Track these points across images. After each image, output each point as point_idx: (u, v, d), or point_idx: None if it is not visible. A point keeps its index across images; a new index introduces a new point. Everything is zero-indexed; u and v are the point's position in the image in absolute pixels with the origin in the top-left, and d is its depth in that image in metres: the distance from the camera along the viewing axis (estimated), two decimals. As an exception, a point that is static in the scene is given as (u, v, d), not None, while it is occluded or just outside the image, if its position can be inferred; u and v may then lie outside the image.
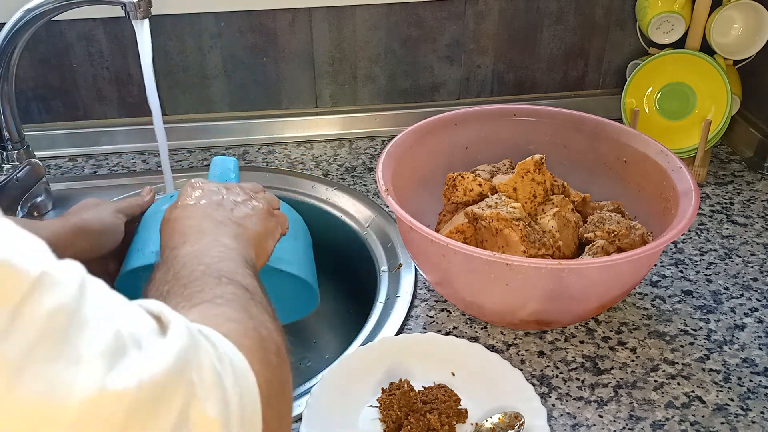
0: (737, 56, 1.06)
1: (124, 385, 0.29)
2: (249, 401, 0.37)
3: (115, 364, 0.30)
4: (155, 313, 0.35)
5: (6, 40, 0.85)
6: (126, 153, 1.14)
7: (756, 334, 0.78)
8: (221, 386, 0.35)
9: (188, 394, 0.33)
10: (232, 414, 0.35)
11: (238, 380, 0.37)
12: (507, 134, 0.93)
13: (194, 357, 0.34)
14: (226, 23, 1.09)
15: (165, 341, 0.33)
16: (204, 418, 0.33)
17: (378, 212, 0.99)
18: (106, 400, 0.29)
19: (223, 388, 0.35)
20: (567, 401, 0.70)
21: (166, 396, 0.31)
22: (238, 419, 0.36)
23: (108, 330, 0.30)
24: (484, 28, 1.15)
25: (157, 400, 0.31)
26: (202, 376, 0.34)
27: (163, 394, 0.31)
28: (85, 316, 0.30)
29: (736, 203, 1.01)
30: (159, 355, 0.32)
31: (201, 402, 0.33)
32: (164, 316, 0.35)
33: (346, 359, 0.73)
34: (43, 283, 0.29)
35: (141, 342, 0.32)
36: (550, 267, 0.67)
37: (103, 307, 0.31)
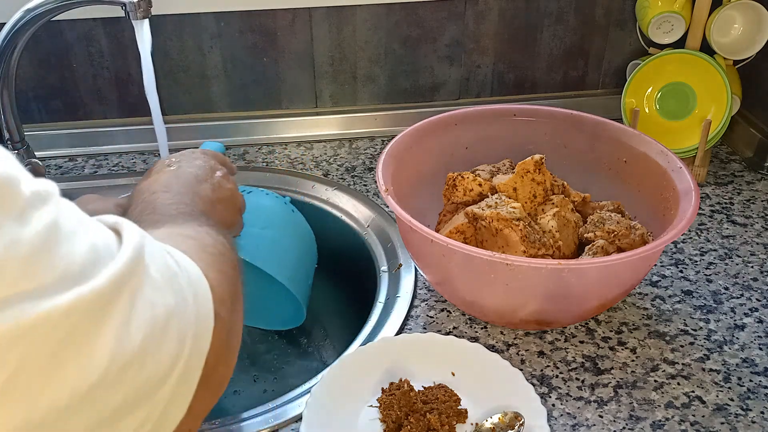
0: (737, 56, 1.06)
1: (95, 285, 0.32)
2: (204, 302, 0.40)
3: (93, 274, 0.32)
4: (112, 225, 0.37)
5: (6, 40, 0.85)
6: (126, 153, 1.14)
7: (756, 334, 0.78)
8: (176, 281, 0.38)
9: (139, 283, 0.35)
10: (188, 306, 0.37)
11: (192, 282, 0.39)
12: (507, 134, 0.93)
13: (148, 253, 0.36)
14: (226, 23, 1.09)
15: (125, 243, 0.35)
16: (157, 303, 0.35)
17: (378, 212, 0.99)
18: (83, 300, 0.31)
19: (178, 284, 0.38)
20: (567, 401, 0.70)
21: (124, 283, 0.33)
22: (194, 309, 0.38)
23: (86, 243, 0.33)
24: (484, 28, 1.15)
25: (119, 287, 0.33)
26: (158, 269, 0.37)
27: (122, 282, 0.33)
28: (66, 232, 0.32)
29: (736, 203, 1.01)
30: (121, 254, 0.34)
31: (156, 290, 0.36)
32: (119, 225, 0.37)
33: (346, 359, 0.73)
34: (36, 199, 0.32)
35: (112, 251, 0.34)
36: (550, 267, 0.68)
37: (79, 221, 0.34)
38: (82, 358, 0.31)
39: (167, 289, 0.36)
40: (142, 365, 0.33)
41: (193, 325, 0.37)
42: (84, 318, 0.31)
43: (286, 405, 0.70)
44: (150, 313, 0.34)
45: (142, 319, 0.34)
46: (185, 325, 0.37)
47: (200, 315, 0.39)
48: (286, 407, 0.70)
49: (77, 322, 0.30)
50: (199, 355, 0.38)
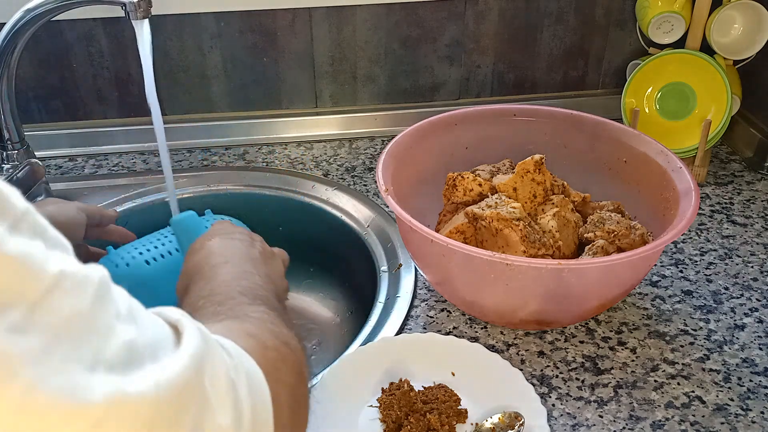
0: (737, 56, 1.06)
1: (142, 389, 0.29)
2: (262, 413, 0.38)
3: (130, 372, 0.29)
4: (172, 322, 0.35)
5: (6, 40, 0.85)
6: (126, 153, 1.14)
7: (756, 334, 0.78)
8: (235, 394, 0.35)
9: (202, 401, 0.33)
10: (243, 423, 0.35)
11: (252, 391, 0.37)
12: (507, 134, 0.93)
13: (209, 362, 0.34)
14: (226, 23, 1.09)
15: (180, 348, 0.33)
16: (217, 426, 0.33)
17: (378, 212, 0.99)
18: (128, 400, 0.28)
19: (236, 397, 0.35)
20: (567, 401, 0.70)
21: (183, 401, 0.31)
22: (250, 424, 0.36)
23: (124, 338, 0.30)
24: (484, 28, 1.15)
25: (175, 404, 0.31)
26: (215, 382, 0.34)
27: (180, 398, 0.31)
28: (103, 323, 0.29)
29: (736, 203, 1.01)
30: (174, 361, 0.32)
31: (214, 409, 0.33)
32: (181, 324, 0.35)
33: (346, 359, 0.73)
34: (62, 284, 0.28)
35: (157, 351, 0.32)
36: (550, 267, 0.67)
37: (121, 314, 0.31)
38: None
39: (227, 409, 0.34)
40: None
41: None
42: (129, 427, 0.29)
43: (286, 405, 0.70)
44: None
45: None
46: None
47: (257, 425, 0.37)
48: (286, 407, 0.70)
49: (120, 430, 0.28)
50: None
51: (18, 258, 0.27)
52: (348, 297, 1.04)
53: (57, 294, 0.28)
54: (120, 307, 0.31)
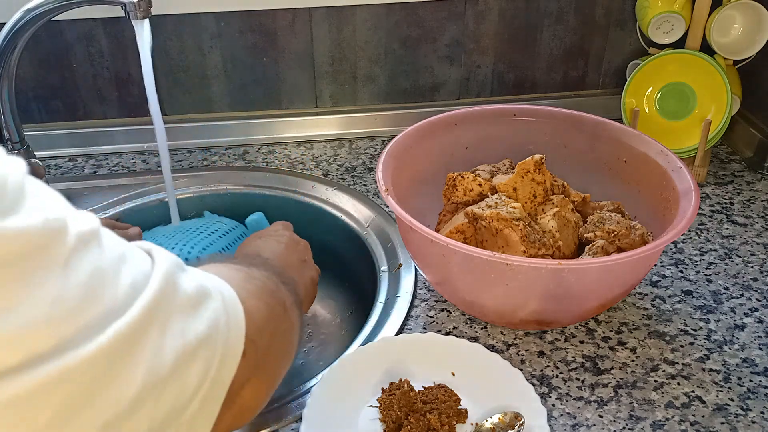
0: (737, 56, 1.06)
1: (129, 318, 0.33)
2: (235, 326, 0.40)
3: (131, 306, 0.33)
4: (146, 250, 0.38)
5: (6, 40, 0.85)
6: (126, 153, 1.14)
7: (756, 334, 0.78)
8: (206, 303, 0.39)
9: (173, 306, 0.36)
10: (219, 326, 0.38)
11: (226, 305, 0.40)
12: (507, 134, 0.93)
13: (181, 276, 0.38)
14: (226, 23, 1.09)
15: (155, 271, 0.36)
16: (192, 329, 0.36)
17: (378, 212, 0.99)
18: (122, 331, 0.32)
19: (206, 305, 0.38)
20: (567, 401, 0.70)
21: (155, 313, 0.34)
22: (223, 339, 0.39)
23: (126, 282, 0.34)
24: (484, 28, 1.15)
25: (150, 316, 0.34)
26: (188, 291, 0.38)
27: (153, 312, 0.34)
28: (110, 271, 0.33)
29: (736, 203, 1.01)
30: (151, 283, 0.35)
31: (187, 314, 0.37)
32: (152, 252, 0.38)
33: (346, 359, 0.73)
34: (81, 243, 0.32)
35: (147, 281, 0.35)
36: (550, 267, 0.67)
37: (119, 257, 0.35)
38: (115, 389, 0.32)
39: (197, 314, 0.37)
40: (169, 390, 0.34)
41: (220, 349, 0.38)
42: (120, 351, 0.32)
43: (286, 405, 0.70)
44: (180, 340, 0.35)
45: (172, 346, 0.35)
46: (213, 350, 0.38)
47: (230, 340, 0.39)
48: (286, 407, 0.70)
49: (115, 356, 0.32)
50: (224, 379, 0.39)
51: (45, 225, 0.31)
52: (348, 297, 1.04)
53: (79, 254, 0.32)
54: (117, 249, 0.35)
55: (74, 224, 0.32)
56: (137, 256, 0.36)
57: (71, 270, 0.31)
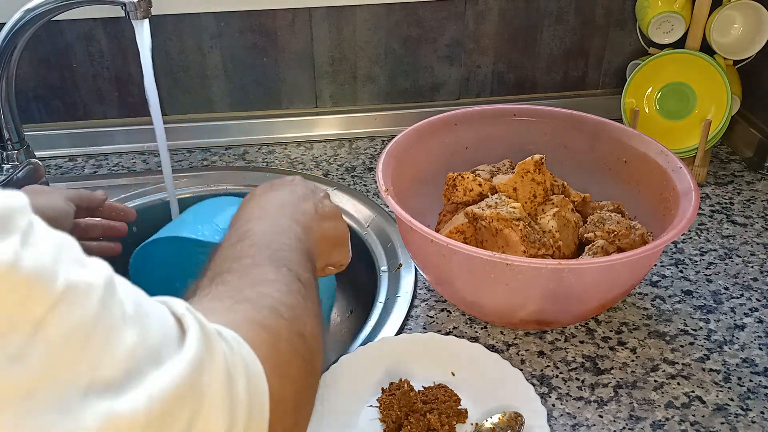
0: (737, 56, 1.06)
1: (135, 406, 0.29)
2: (258, 412, 0.37)
3: (127, 388, 0.30)
4: (178, 315, 0.35)
5: (6, 40, 0.85)
6: (126, 153, 1.14)
7: (756, 334, 0.78)
8: (231, 394, 0.35)
9: (196, 407, 0.33)
10: (237, 421, 0.35)
11: (251, 388, 0.37)
12: (507, 134, 0.93)
13: (207, 366, 0.34)
14: (226, 23, 1.09)
15: (181, 353, 0.33)
16: (208, 428, 0.33)
17: (378, 212, 0.99)
18: (120, 420, 0.29)
19: (231, 398, 0.35)
20: (567, 401, 0.70)
21: (175, 411, 0.31)
22: (243, 427, 0.36)
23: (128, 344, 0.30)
24: (484, 28, 1.15)
25: (166, 414, 0.31)
26: (212, 384, 0.34)
27: (172, 408, 0.31)
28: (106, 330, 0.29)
29: (736, 203, 1.01)
30: (171, 369, 0.32)
31: (208, 413, 0.33)
32: (185, 320, 0.35)
33: (346, 359, 0.73)
34: (67, 297, 0.28)
35: (161, 353, 0.32)
36: (550, 267, 0.67)
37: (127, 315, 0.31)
38: None
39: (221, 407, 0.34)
40: None
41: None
42: None
43: (286, 405, 0.70)
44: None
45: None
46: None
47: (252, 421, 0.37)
48: (286, 407, 0.70)
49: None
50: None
51: (31, 275, 0.27)
52: (348, 297, 1.04)
53: (62, 308, 0.28)
54: (126, 307, 0.31)
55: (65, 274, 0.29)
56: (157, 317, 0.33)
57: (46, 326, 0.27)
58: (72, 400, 0.27)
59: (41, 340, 0.27)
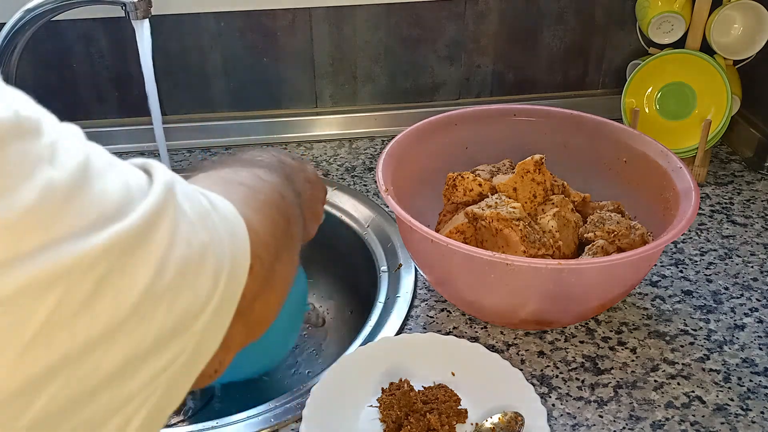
0: (737, 56, 1.06)
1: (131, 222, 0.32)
2: (240, 240, 0.40)
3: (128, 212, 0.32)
4: (141, 165, 0.37)
5: (6, 40, 0.85)
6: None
7: (756, 334, 0.78)
8: (208, 218, 0.37)
9: (178, 215, 0.35)
10: (221, 239, 0.37)
11: (227, 221, 0.39)
12: (507, 134, 0.93)
13: (181, 189, 0.37)
14: (226, 23, 1.09)
15: (155, 181, 0.35)
16: (195, 237, 0.35)
17: (378, 212, 0.99)
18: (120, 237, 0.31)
19: (210, 220, 0.37)
20: (567, 401, 0.70)
21: (159, 220, 0.34)
22: (230, 246, 0.38)
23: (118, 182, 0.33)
24: (484, 28, 1.15)
25: (154, 224, 0.33)
26: (187, 203, 0.36)
27: (157, 219, 0.33)
28: (99, 170, 0.32)
29: (736, 203, 1.01)
30: (152, 190, 0.34)
31: (193, 223, 0.36)
32: (148, 165, 0.37)
33: (346, 359, 0.73)
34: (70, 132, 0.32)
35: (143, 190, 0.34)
36: (550, 267, 0.67)
37: (109, 162, 0.34)
38: (118, 293, 0.31)
39: (201, 226, 0.36)
40: (176, 298, 0.34)
41: (228, 262, 0.38)
42: (122, 254, 0.31)
43: (286, 405, 0.70)
44: (185, 249, 0.34)
45: (178, 254, 0.34)
46: (220, 262, 0.37)
47: (236, 253, 0.39)
48: (286, 407, 0.70)
49: (115, 259, 0.31)
50: (234, 292, 0.39)
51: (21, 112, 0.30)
52: (348, 297, 1.04)
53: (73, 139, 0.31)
54: (103, 154, 0.34)
55: (56, 123, 0.31)
56: (129, 167, 0.35)
57: (57, 161, 0.30)
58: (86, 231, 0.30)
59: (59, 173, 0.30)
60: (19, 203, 0.28)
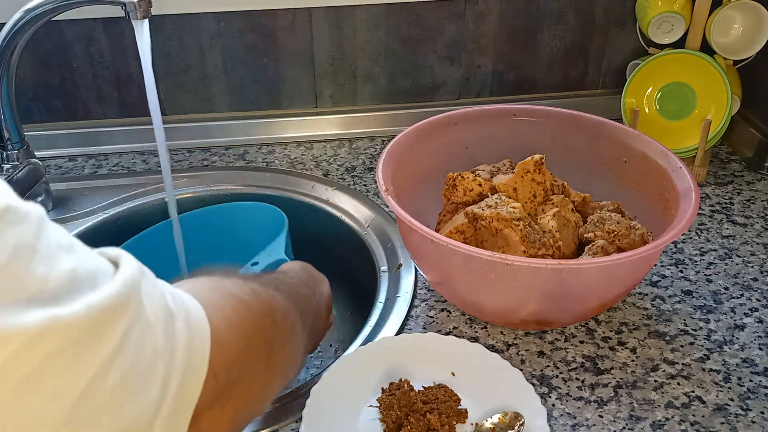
0: (737, 56, 1.06)
1: (75, 310, 0.30)
2: (198, 348, 0.37)
3: (69, 300, 0.30)
4: (113, 258, 0.36)
5: (6, 40, 0.85)
6: (126, 153, 1.14)
7: (756, 334, 0.78)
8: (170, 323, 0.36)
9: (135, 317, 0.33)
10: (177, 351, 0.36)
11: (191, 325, 0.37)
12: (507, 134, 0.93)
13: (144, 288, 0.35)
14: (226, 23, 1.09)
15: (116, 274, 0.34)
16: (149, 343, 0.34)
17: (378, 212, 0.99)
18: (60, 322, 0.29)
19: (171, 325, 0.36)
20: (567, 401, 0.70)
21: (115, 316, 0.32)
22: (184, 355, 0.36)
23: (67, 266, 0.31)
24: (484, 28, 1.15)
25: (105, 318, 0.31)
26: (149, 305, 0.35)
27: (111, 314, 0.32)
28: (47, 252, 0.31)
29: (736, 203, 1.01)
30: (110, 284, 0.33)
31: (151, 327, 0.34)
32: (120, 257, 0.36)
33: (346, 359, 0.73)
34: (6, 216, 0.29)
35: (97, 280, 0.32)
36: (550, 267, 0.67)
37: (61, 246, 0.32)
38: (49, 396, 0.29)
39: (160, 329, 0.35)
40: (119, 408, 0.32)
41: (179, 372, 0.36)
42: (58, 346, 0.29)
43: (286, 405, 0.70)
44: (134, 354, 0.33)
45: (126, 359, 0.32)
46: (170, 370, 0.35)
47: (191, 363, 0.37)
48: (286, 407, 0.70)
49: (49, 350, 0.29)
50: (187, 403, 0.37)
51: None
52: (348, 297, 1.04)
53: (3, 224, 0.29)
54: (61, 239, 0.32)
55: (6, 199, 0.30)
56: (90, 255, 0.34)
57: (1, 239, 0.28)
58: (17, 305, 0.28)
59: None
60: None
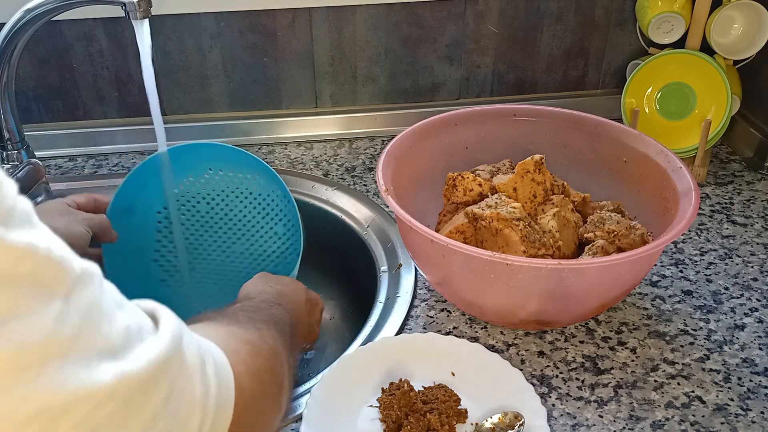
0: (737, 56, 1.06)
1: (140, 365, 0.34)
2: (225, 391, 0.42)
3: (128, 353, 0.35)
4: (149, 310, 0.40)
5: (6, 40, 0.85)
6: (126, 153, 1.14)
7: (756, 334, 0.78)
8: (204, 370, 0.40)
9: (180, 368, 0.38)
10: (210, 397, 0.40)
11: (218, 371, 0.42)
12: (507, 134, 0.93)
13: (186, 337, 0.39)
14: (226, 23, 1.09)
15: (160, 330, 0.38)
16: (189, 394, 0.38)
17: (378, 212, 0.99)
18: (131, 376, 0.34)
19: (204, 372, 0.40)
20: (567, 401, 0.70)
21: (167, 369, 0.36)
22: (215, 401, 0.40)
23: (123, 323, 0.35)
24: (484, 28, 1.15)
25: (161, 373, 0.36)
26: (189, 355, 0.39)
27: (165, 368, 0.36)
28: (109, 310, 0.35)
29: (736, 203, 1.01)
30: (159, 339, 0.37)
31: (188, 375, 0.38)
32: (157, 311, 0.40)
33: (346, 359, 0.73)
34: (83, 278, 0.33)
35: (142, 334, 0.37)
36: (550, 267, 0.67)
37: (116, 303, 0.36)
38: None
39: (197, 378, 0.39)
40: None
41: (211, 414, 0.40)
42: (124, 399, 0.33)
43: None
44: (176, 402, 0.37)
45: (171, 407, 0.36)
46: (205, 414, 0.39)
47: (219, 409, 0.41)
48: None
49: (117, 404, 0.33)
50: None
51: (60, 256, 0.32)
52: (348, 297, 1.04)
53: (81, 286, 0.33)
54: (115, 296, 0.37)
55: (78, 263, 0.33)
56: (134, 310, 0.38)
57: (73, 298, 0.32)
58: (91, 360, 0.32)
59: (73, 308, 0.32)
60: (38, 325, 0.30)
